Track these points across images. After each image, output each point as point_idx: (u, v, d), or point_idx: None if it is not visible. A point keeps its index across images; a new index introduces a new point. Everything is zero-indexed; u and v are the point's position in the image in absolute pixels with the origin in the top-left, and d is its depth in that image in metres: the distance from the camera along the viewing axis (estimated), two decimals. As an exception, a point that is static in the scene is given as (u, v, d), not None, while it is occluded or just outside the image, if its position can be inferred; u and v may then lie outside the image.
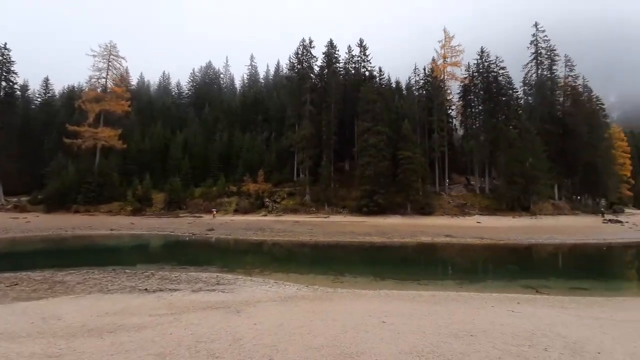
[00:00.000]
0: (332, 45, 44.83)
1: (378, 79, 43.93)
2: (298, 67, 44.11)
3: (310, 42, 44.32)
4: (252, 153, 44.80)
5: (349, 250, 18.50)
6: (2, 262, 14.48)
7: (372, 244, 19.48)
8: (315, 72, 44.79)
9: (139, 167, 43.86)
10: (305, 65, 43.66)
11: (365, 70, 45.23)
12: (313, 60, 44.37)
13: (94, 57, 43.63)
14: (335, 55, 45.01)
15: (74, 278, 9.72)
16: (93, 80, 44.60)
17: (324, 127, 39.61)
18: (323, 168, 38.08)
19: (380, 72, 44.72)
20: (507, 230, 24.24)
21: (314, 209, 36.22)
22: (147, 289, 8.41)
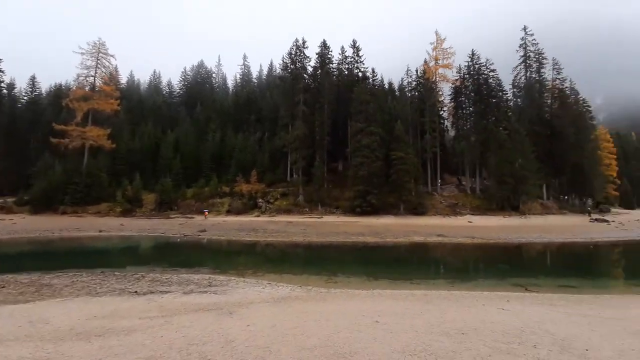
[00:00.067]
0: (325, 46, 44.90)
1: (371, 80, 44.21)
2: (291, 67, 44.05)
3: (304, 42, 44.35)
4: (244, 153, 44.50)
5: (343, 251, 18.52)
6: (-15, 265, 14.00)
7: (365, 244, 19.55)
8: (309, 72, 44.81)
9: (129, 167, 43.13)
10: (299, 66, 43.63)
11: (359, 71, 45.46)
12: (306, 61, 44.41)
13: (82, 54, 42.77)
14: (329, 56, 45.11)
15: (62, 281, 9.50)
16: (81, 79, 43.66)
17: (317, 127, 39.64)
18: (316, 168, 38.09)
19: (374, 73, 45.05)
20: (497, 230, 24.65)
21: (308, 210, 36.19)
22: (137, 292, 8.26)
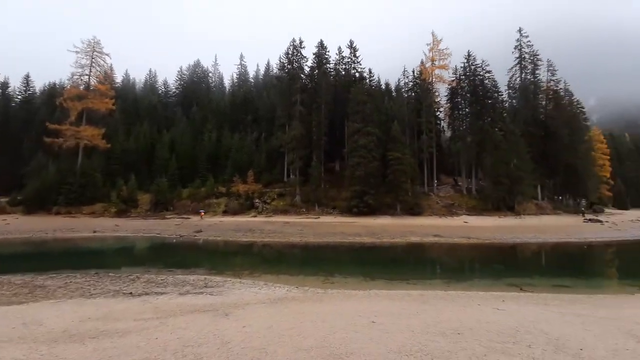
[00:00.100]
0: (322, 46, 44.95)
1: (368, 81, 44.32)
2: (288, 67, 44.01)
3: (301, 42, 44.33)
4: (241, 153, 44.35)
5: (339, 251, 18.53)
6: (-24, 266, 13.78)
7: (362, 245, 19.58)
8: (306, 72, 44.80)
9: (124, 167, 42.76)
10: (296, 66, 43.60)
11: (356, 72, 45.57)
12: (303, 61, 44.39)
13: (77, 53, 42.35)
14: (326, 56, 45.17)
15: (55, 282, 9.41)
16: (75, 78, 43.20)
17: (315, 127, 39.62)
18: (313, 169, 38.07)
19: (370, 73, 45.18)
20: (492, 230, 24.83)
21: (304, 210, 36.15)
22: (132, 293, 8.19)
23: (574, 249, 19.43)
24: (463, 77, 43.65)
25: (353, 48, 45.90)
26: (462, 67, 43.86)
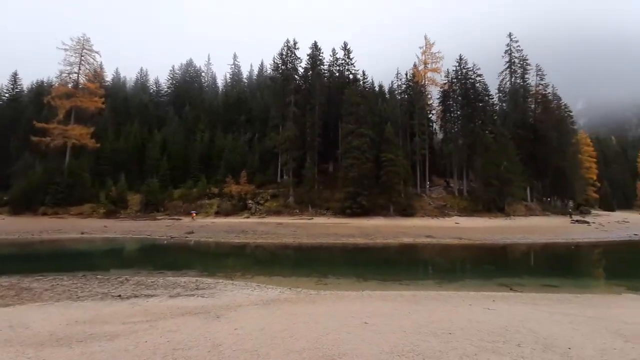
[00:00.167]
0: (316, 47, 45.04)
1: (362, 82, 44.56)
2: (282, 67, 43.97)
3: (295, 43, 44.40)
4: (234, 154, 44.05)
5: (333, 252, 18.54)
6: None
7: (355, 246, 19.62)
8: (300, 73, 44.83)
9: (114, 167, 42.04)
10: (290, 67, 43.60)
11: (349, 74, 45.81)
12: (297, 62, 44.45)
13: (66, 51, 41.53)
14: (320, 58, 45.26)
15: (42, 285, 9.17)
16: (64, 75, 42.34)
17: (308, 128, 39.63)
18: (307, 170, 38.05)
19: (364, 75, 45.44)
20: (483, 231, 25.18)
21: (298, 211, 36.08)
22: (120, 296, 8.02)
23: (562, 250, 19.84)
24: (455, 80, 44.30)
25: (347, 50, 46.14)
26: (454, 70, 44.57)
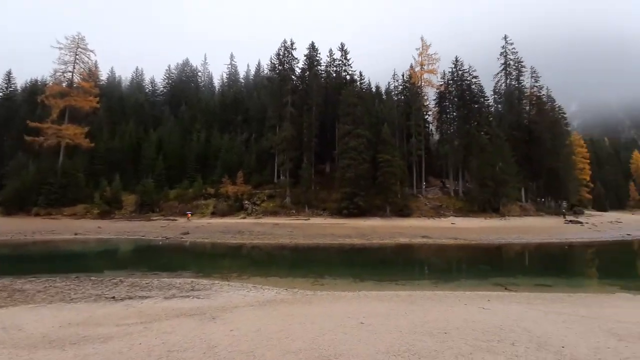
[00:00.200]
0: (313, 48, 45.07)
1: (359, 83, 44.71)
2: (279, 68, 43.92)
3: (292, 43, 44.36)
4: (231, 154, 43.86)
5: (329, 253, 18.54)
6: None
7: (352, 246, 19.64)
8: (297, 74, 44.81)
9: (108, 167, 41.61)
10: (287, 67, 43.57)
11: (347, 74, 45.91)
12: (294, 62, 44.42)
13: (60, 49, 41.09)
14: (317, 58, 45.30)
15: (35, 286, 9.05)
16: (58, 74, 41.91)
17: (305, 129, 39.60)
18: (304, 170, 38.01)
19: (361, 76, 45.65)
20: (478, 231, 25.36)
21: (295, 211, 36.03)
22: (114, 297, 7.93)
23: (556, 250, 20.05)
24: (451, 81, 44.63)
25: (344, 51, 46.27)
26: (450, 72, 44.90)
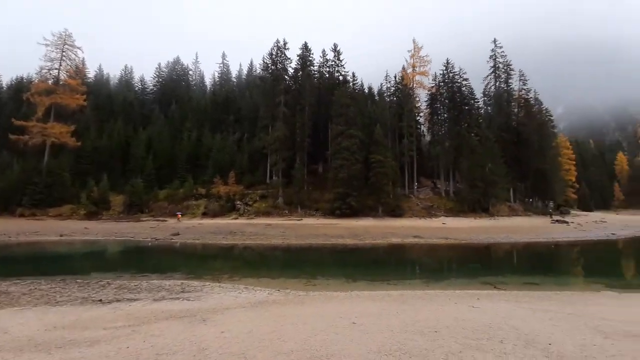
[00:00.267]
0: (306, 48, 45.06)
1: (351, 84, 44.88)
2: (272, 67, 43.75)
3: (285, 43, 44.26)
4: (222, 154, 43.43)
5: (322, 253, 18.53)
6: None
7: (344, 246, 19.68)
8: (290, 74, 44.71)
9: (96, 166, 40.66)
10: (280, 67, 43.43)
11: (339, 75, 46.06)
12: (287, 62, 44.31)
13: (47, 46, 40.06)
14: (310, 58, 45.30)
15: (19, 289, 8.80)
16: (44, 71, 40.84)
17: (298, 129, 39.54)
18: (296, 170, 37.93)
19: (354, 77, 45.83)
20: (469, 231, 25.75)
21: (287, 212, 35.91)
22: (101, 300, 7.75)
23: (543, 249, 20.52)
24: (442, 83, 45.25)
25: (337, 51, 46.40)
26: (441, 74, 45.52)
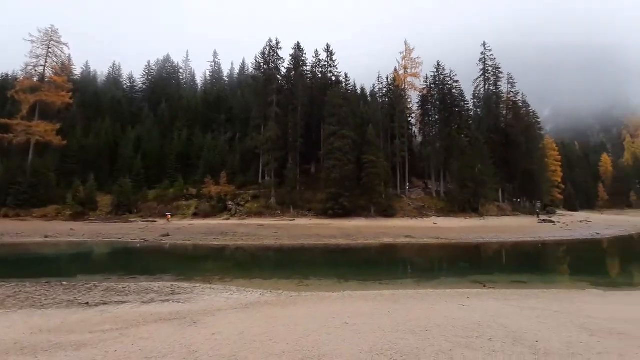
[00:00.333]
0: (299, 48, 44.98)
1: (344, 85, 45.00)
2: (264, 67, 43.51)
3: (277, 43, 44.12)
4: (214, 154, 42.96)
5: (314, 253, 18.52)
6: None
7: (337, 246, 19.71)
8: (282, 73, 44.56)
9: (82, 165, 39.65)
10: (272, 66, 43.23)
11: (332, 75, 46.11)
12: (280, 62, 44.16)
13: (32, 42, 38.95)
14: (303, 58, 45.22)
15: (4, 291, 8.55)
16: (29, 68, 39.64)
17: (291, 129, 39.42)
18: (289, 171, 37.81)
19: (347, 78, 45.97)
20: (459, 230, 26.15)
21: (280, 212, 35.75)
22: (88, 303, 7.56)
23: (530, 248, 20.99)
24: (433, 85, 45.84)
25: (330, 52, 46.44)
26: (432, 76, 46.11)
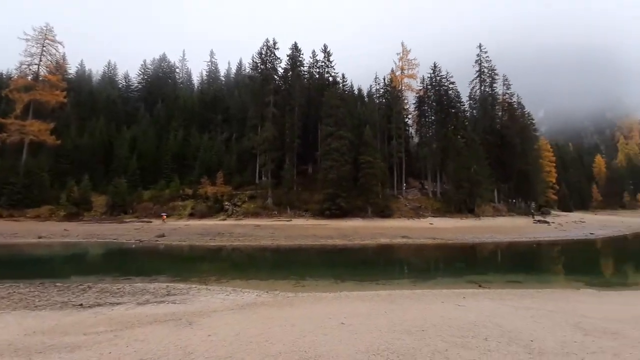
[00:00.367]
0: (296, 49, 44.97)
1: (341, 85, 45.10)
2: (261, 67, 43.44)
3: (274, 43, 44.06)
4: (210, 154, 42.75)
5: (311, 254, 18.50)
6: None
7: (334, 247, 19.71)
8: (279, 74, 44.50)
9: (77, 165, 39.22)
10: (269, 67, 43.17)
11: (329, 76, 46.17)
12: (277, 62, 44.11)
13: (27, 41, 38.51)
14: (300, 59, 45.22)
15: (-3, 292, 8.38)
16: (24, 67, 39.21)
17: (288, 129, 39.38)
18: (286, 171, 37.76)
19: (344, 78, 46.13)
20: (455, 231, 26.28)
21: (276, 213, 35.68)
22: (82, 304, 7.47)
23: (525, 248, 21.17)
24: (429, 86, 46.10)
25: (327, 52, 46.52)
26: (429, 77, 46.36)
